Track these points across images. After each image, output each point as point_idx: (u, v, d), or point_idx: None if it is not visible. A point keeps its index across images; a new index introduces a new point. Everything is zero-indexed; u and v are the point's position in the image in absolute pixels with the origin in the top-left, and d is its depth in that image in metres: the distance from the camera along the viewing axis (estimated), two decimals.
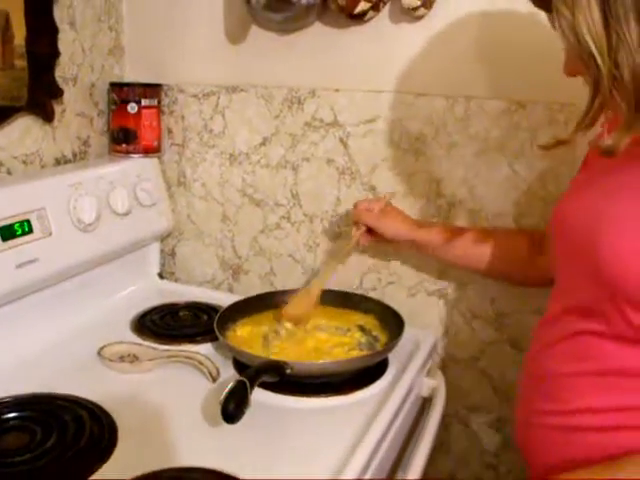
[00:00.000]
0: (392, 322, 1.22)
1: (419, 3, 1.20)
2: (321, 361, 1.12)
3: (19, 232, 1.12)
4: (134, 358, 1.16)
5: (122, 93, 1.44)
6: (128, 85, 1.45)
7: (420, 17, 1.25)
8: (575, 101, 1.12)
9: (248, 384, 0.90)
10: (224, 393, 0.90)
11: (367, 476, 0.90)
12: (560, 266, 0.93)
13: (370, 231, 1.26)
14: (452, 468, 1.44)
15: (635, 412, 0.80)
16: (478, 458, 1.41)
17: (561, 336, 0.89)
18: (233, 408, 0.88)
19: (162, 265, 1.58)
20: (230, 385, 0.91)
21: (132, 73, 1.53)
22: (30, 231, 1.15)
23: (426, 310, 1.37)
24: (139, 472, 0.85)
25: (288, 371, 1.01)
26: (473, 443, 1.41)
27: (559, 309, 0.91)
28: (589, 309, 0.84)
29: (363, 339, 1.22)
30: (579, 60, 0.74)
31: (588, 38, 0.71)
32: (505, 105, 1.22)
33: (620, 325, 0.78)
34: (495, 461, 1.39)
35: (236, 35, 1.41)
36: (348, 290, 1.35)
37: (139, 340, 1.24)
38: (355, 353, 1.16)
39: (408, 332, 1.17)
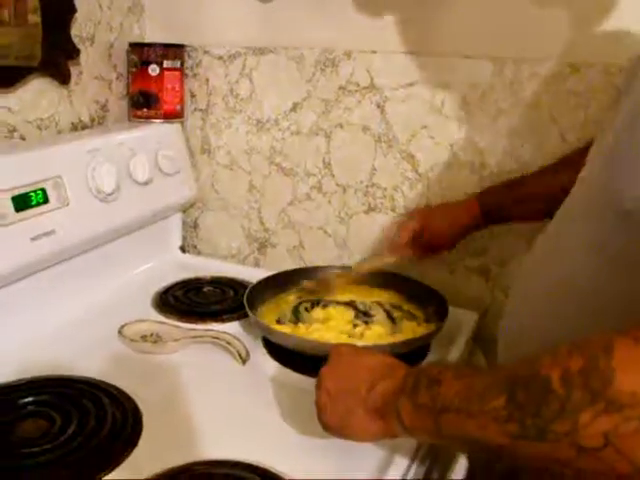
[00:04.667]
0: (424, 299, 1.17)
1: None
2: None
3: (34, 202, 1.04)
4: (157, 338, 1.09)
5: (143, 54, 1.34)
6: (149, 45, 1.35)
7: None
8: None
9: None
10: None
11: None
12: None
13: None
14: None
15: None
16: None
17: None
18: None
19: (184, 238, 1.51)
20: None
21: (152, 33, 1.44)
22: (46, 201, 1.06)
23: (466, 287, 1.29)
24: (166, 465, 0.78)
25: None
26: None
27: None
28: None
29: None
30: None
31: None
32: (557, 68, 1.12)
33: None
34: None
35: None
36: None
37: (162, 318, 1.17)
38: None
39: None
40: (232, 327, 1.15)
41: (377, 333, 1.06)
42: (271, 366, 1.04)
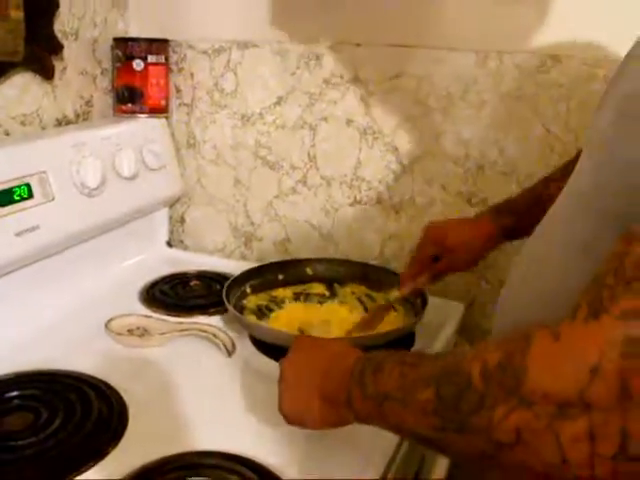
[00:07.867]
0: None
1: None
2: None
3: (18, 197, 1.04)
4: (144, 331, 1.09)
5: (127, 49, 1.34)
6: (133, 40, 1.35)
7: None
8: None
9: None
10: None
11: None
12: None
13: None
14: None
15: None
16: None
17: None
18: None
19: (171, 232, 1.51)
20: None
21: (136, 28, 1.43)
22: (30, 196, 1.06)
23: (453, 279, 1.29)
24: (152, 457, 0.79)
25: None
26: None
27: None
28: None
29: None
30: None
31: None
32: (539, 60, 1.13)
33: None
34: None
35: None
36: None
37: (148, 312, 1.18)
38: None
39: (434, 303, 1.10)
40: (218, 320, 1.15)
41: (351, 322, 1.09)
42: (257, 358, 1.04)
